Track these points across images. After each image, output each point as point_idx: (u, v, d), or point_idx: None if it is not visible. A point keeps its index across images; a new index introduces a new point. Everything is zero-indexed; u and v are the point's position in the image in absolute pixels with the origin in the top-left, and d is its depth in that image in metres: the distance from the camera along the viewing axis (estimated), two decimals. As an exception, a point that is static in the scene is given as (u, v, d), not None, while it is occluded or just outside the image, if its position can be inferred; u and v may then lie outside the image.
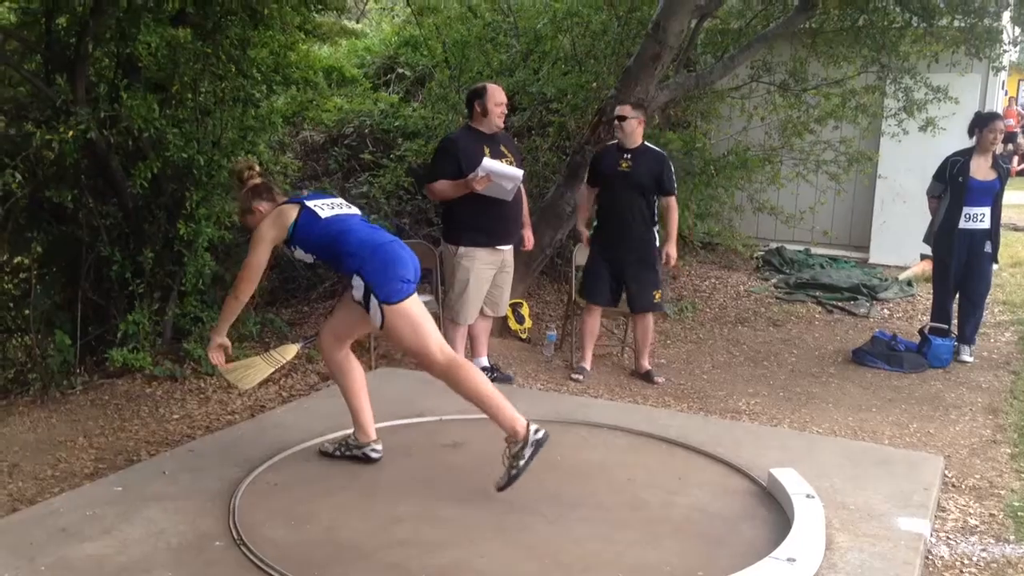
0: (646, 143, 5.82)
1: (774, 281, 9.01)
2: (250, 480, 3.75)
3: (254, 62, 5.95)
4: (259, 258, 3.76)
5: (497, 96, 5.35)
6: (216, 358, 3.90)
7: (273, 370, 5.04)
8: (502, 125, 5.42)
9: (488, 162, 5.19)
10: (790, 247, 9.89)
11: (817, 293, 8.43)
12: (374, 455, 3.99)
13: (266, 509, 3.50)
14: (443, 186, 5.28)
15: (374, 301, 3.58)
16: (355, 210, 3.92)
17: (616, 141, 5.81)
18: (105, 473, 4.09)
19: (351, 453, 4.02)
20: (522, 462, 3.51)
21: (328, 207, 3.80)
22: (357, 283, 3.62)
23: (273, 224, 3.72)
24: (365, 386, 4.02)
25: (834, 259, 9.76)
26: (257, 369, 4.95)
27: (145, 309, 5.41)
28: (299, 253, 3.78)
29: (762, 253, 9.78)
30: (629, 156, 5.71)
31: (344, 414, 4.50)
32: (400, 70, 9.09)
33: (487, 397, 3.59)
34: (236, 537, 3.23)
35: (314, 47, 7.63)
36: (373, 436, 4.01)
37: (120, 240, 5.64)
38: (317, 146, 8.26)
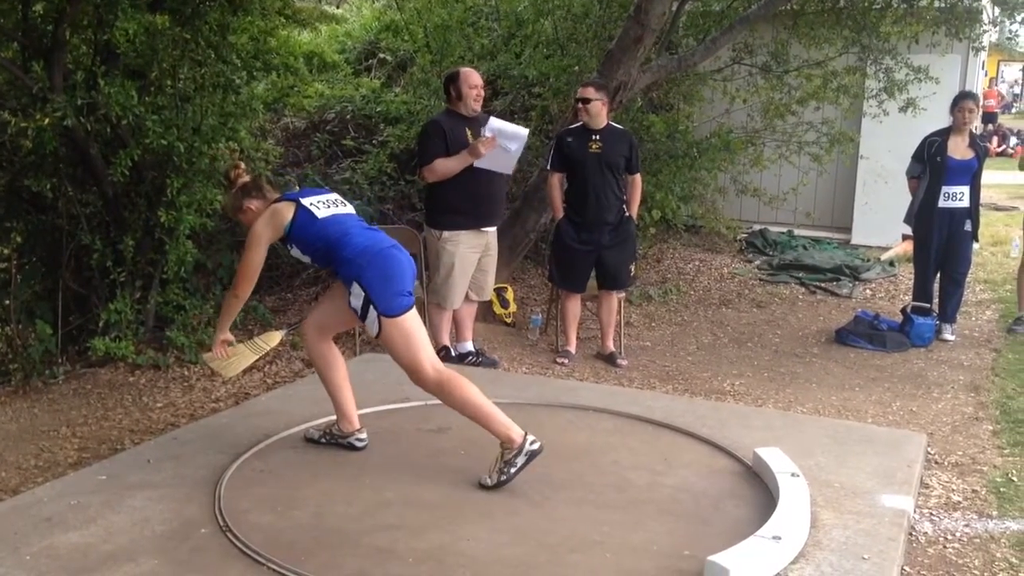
0: (610, 123, 5.81)
1: (757, 263, 9.04)
2: (235, 467, 3.74)
3: (234, 48, 5.89)
4: (256, 257, 3.72)
5: (471, 79, 5.35)
6: (220, 352, 3.90)
7: (257, 357, 5.02)
8: (479, 108, 5.42)
9: (495, 121, 5.22)
10: (773, 229, 9.92)
11: (800, 274, 8.46)
12: (359, 444, 3.98)
13: (252, 496, 3.50)
14: (443, 163, 5.28)
15: (373, 312, 3.55)
16: (350, 208, 3.88)
17: (580, 124, 5.78)
18: (89, 462, 4.06)
19: (335, 441, 4.01)
20: (513, 469, 3.53)
21: (324, 205, 3.75)
22: (356, 291, 3.58)
23: (268, 223, 3.68)
24: (347, 376, 4.00)
25: (817, 240, 9.81)
26: (241, 356, 4.92)
27: (127, 298, 5.37)
28: (295, 252, 3.76)
29: (745, 235, 9.81)
30: (598, 137, 5.69)
31: (328, 400, 4.49)
32: (382, 55, 9.05)
33: (478, 407, 3.58)
34: (222, 524, 3.22)
35: (294, 33, 7.57)
36: (357, 425, 4.00)
37: (100, 228, 5.59)
38: (299, 132, 8.21)
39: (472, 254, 5.48)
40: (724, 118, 8.64)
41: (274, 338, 5.24)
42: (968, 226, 6.43)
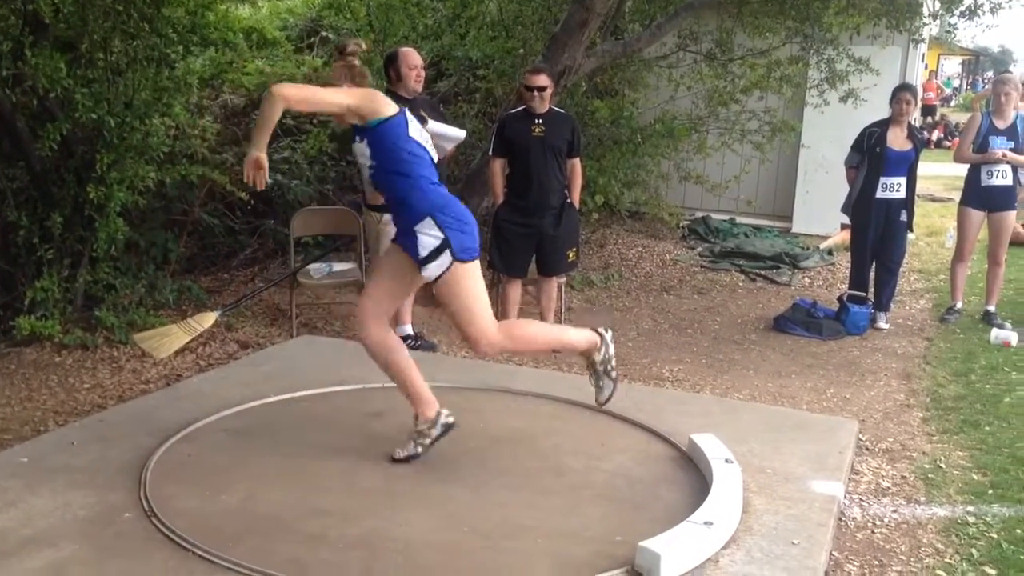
0: (552, 107, 5.78)
1: (699, 250, 9.10)
2: (163, 450, 3.64)
3: (169, 21, 5.73)
4: (325, 96, 3.24)
5: (410, 59, 5.28)
6: (251, 174, 3.20)
7: (190, 338, 4.91)
8: (420, 88, 5.34)
9: (433, 124, 5.14)
10: (716, 216, 10.00)
11: (741, 262, 8.54)
12: (451, 419, 3.60)
13: (179, 480, 3.41)
14: None
15: (446, 257, 3.28)
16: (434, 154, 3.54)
17: (522, 108, 5.75)
18: (10, 444, 3.92)
19: (428, 441, 3.59)
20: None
21: (418, 132, 3.40)
22: (429, 230, 3.27)
23: (361, 95, 3.26)
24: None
25: (758, 228, 9.91)
26: (173, 337, 4.82)
27: (54, 276, 5.21)
28: (361, 149, 3.34)
29: (688, 222, 9.87)
30: (541, 121, 5.65)
31: (263, 382, 4.44)
32: (324, 33, 8.89)
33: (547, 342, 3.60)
34: (147, 509, 3.14)
35: (233, 7, 7.39)
36: (437, 404, 3.61)
37: (27, 204, 5.42)
38: (238, 110, 8.02)
39: None
40: (669, 105, 8.66)
41: (208, 319, 5.13)
42: (904, 216, 6.53)
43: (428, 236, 3.31)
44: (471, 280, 3.40)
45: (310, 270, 6.03)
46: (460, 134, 5.22)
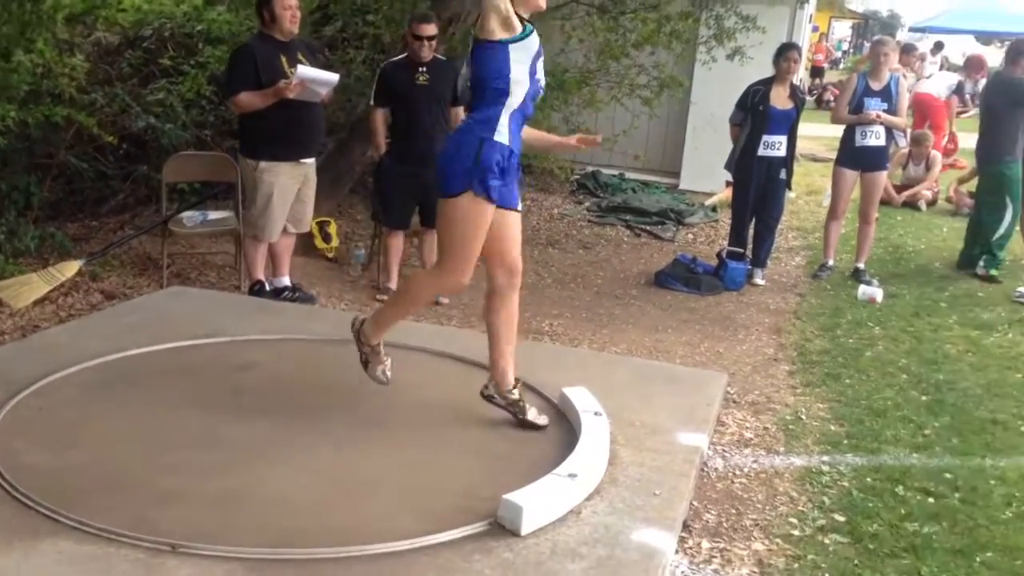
0: (435, 54, 5.68)
1: (587, 204, 9.15)
2: (12, 404, 3.47)
3: (37, -50, 5.39)
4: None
5: None
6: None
7: (51, 288, 4.69)
8: (296, 30, 5.17)
9: (303, 69, 4.98)
10: (606, 171, 10.06)
11: (627, 217, 8.63)
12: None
13: (28, 435, 3.26)
14: (248, 97, 5.02)
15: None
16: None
17: (404, 56, 5.63)
18: None
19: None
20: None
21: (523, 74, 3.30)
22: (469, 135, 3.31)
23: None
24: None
25: (646, 184, 10.01)
26: (33, 287, 4.59)
27: (-99, 220, 4.90)
28: (466, 73, 3.34)
29: (578, 177, 9.90)
30: (425, 69, 5.56)
31: (126, 333, 4.29)
32: (206, -30, 8.50)
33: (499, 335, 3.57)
34: (-10, 466, 2.99)
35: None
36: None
37: None
38: (112, 48, 7.62)
39: (291, 184, 5.27)
40: (560, 57, 8.60)
41: (70, 268, 4.90)
42: (783, 175, 6.68)
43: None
44: (467, 220, 3.36)
45: (183, 218, 5.81)
46: (333, 78, 5.09)
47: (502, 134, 3.30)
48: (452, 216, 3.37)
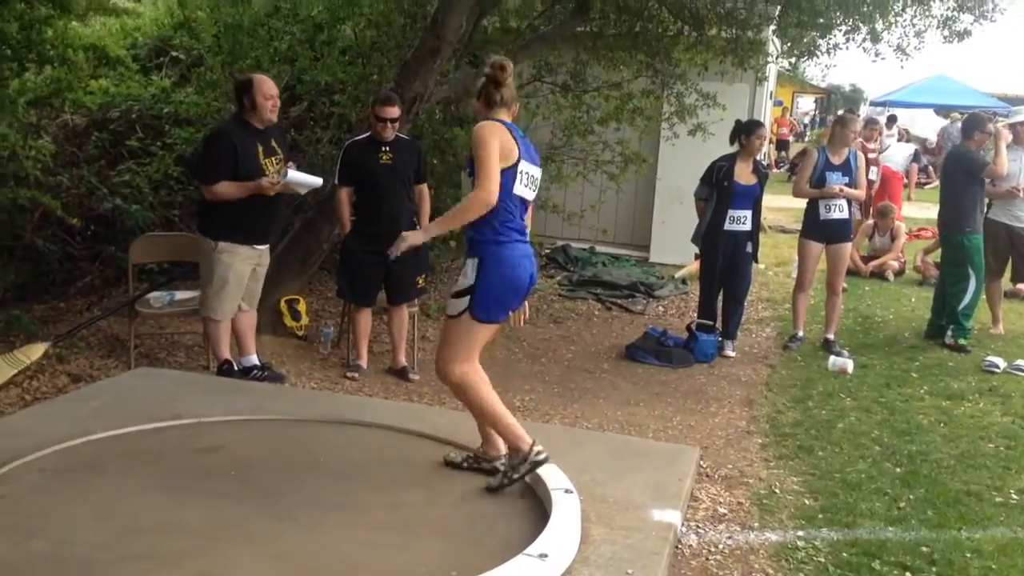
0: (398, 134, 5.74)
1: (558, 279, 9.19)
2: (-30, 494, 3.38)
3: (3, 36, 5.43)
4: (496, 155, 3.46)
5: (266, 88, 5.12)
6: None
7: (15, 371, 4.61)
8: (274, 119, 5.21)
9: (293, 174, 5.07)
10: (576, 245, 10.13)
11: (598, 290, 8.66)
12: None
13: (-14, 525, 3.17)
14: (227, 188, 5.03)
15: (466, 301, 3.47)
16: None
17: (367, 135, 5.70)
18: None
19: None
20: (516, 476, 3.56)
21: (528, 182, 3.63)
22: (468, 271, 3.48)
23: (496, 133, 3.52)
24: None
25: (616, 257, 10.09)
26: (-4, 370, 4.49)
27: None
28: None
29: (548, 251, 9.96)
30: (388, 148, 5.61)
31: (91, 417, 4.21)
32: (175, 53, 8.60)
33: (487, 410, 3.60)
34: (-57, 559, 2.90)
35: (74, 23, 7.05)
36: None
37: None
38: (79, 130, 7.65)
39: (247, 266, 5.26)
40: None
41: (36, 351, 4.84)
42: (749, 248, 6.76)
43: (464, 276, 3.51)
44: (471, 336, 3.53)
45: (150, 299, 5.76)
46: (317, 182, 5.20)
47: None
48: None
